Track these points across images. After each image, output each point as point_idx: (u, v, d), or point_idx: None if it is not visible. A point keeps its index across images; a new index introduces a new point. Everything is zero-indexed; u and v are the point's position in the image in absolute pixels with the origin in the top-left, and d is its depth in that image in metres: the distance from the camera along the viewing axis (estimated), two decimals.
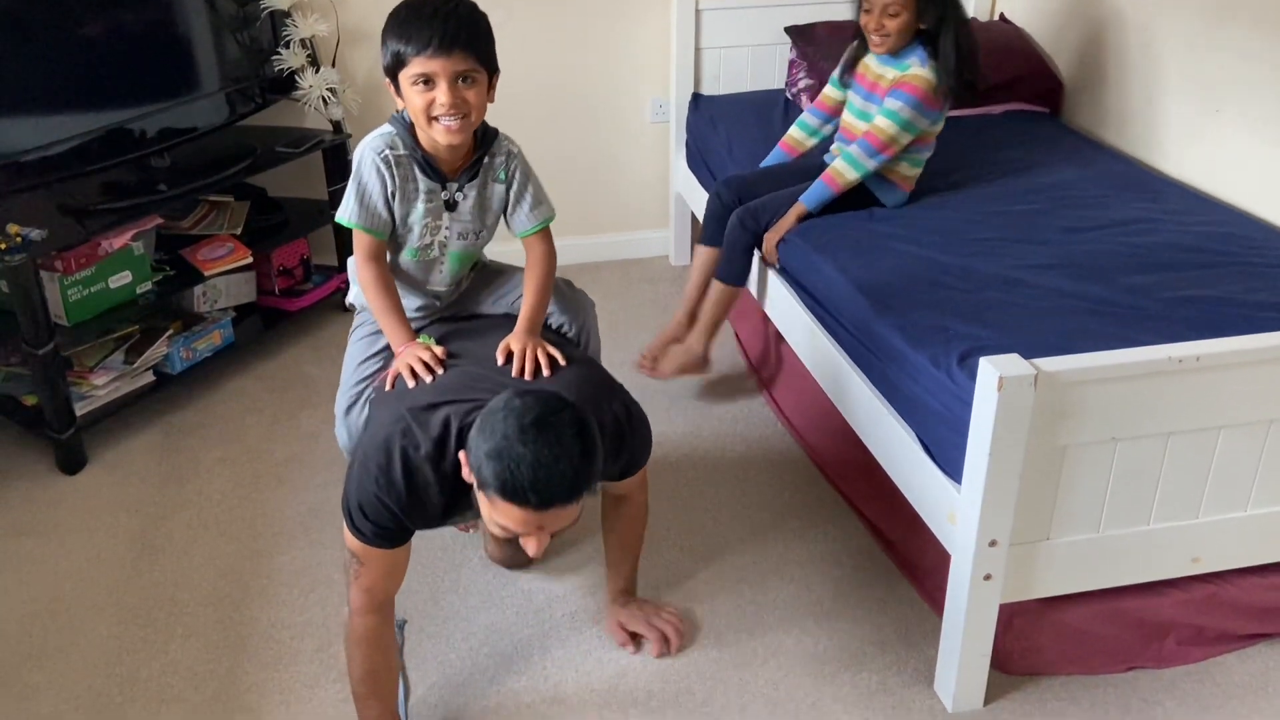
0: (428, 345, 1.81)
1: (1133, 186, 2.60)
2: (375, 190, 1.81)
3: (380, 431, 1.65)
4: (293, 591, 2.17)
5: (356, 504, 1.63)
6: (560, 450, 1.45)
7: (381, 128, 1.83)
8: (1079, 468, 1.72)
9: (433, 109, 1.71)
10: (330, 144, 3.09)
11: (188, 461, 2.60)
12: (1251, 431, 1.76)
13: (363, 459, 1.64)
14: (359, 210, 1.82)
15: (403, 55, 1.70)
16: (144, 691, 1.93)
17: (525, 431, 1.44)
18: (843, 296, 2.24)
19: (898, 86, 2.41)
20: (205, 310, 2.94)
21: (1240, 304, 1.99)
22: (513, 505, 1.46)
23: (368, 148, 1.81)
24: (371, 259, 1.86)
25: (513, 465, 1.43)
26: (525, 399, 1.49)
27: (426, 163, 1.82)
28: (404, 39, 1.69)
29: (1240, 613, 1.94)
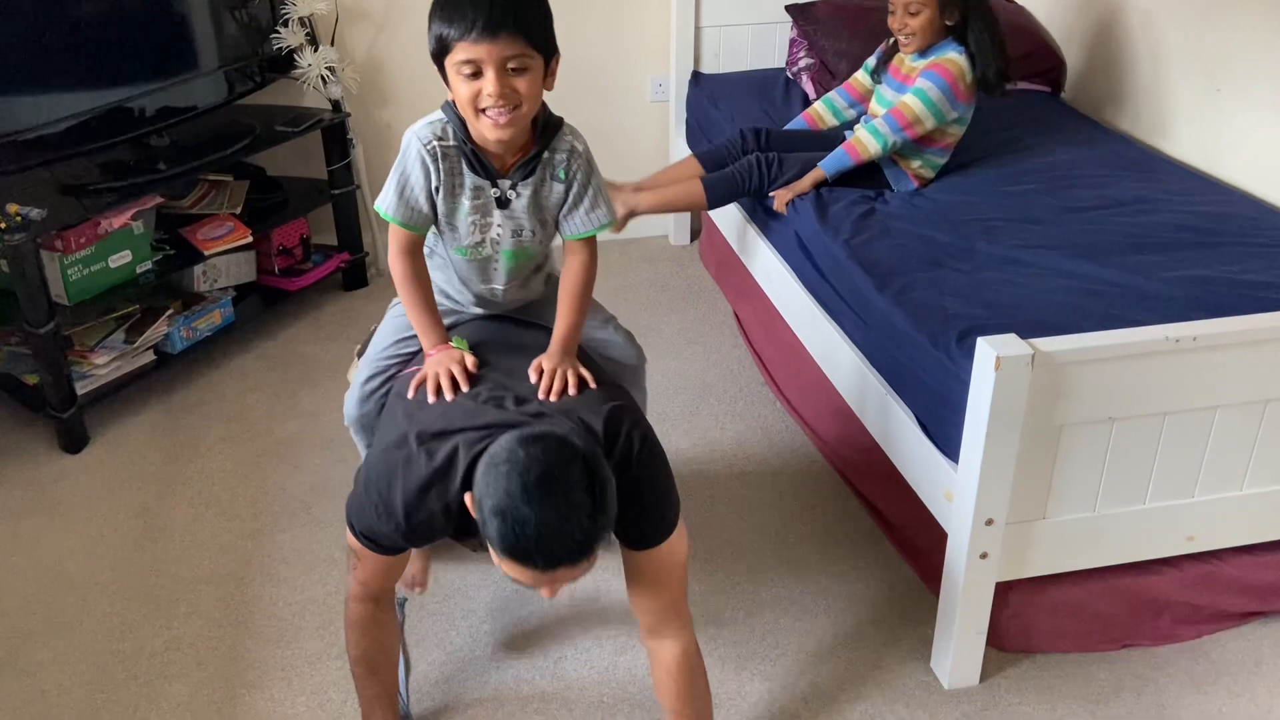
0: (461, 351, 1.67)
1: (1133, 166, 2.60)
2: (418, 183, 1.66)
3: (386, 457, 1.55)
4: (294, 569, 2.19)
5: (357, 517, 1.58)
6: (568, 510, 1.35)
7: (432, 114, 1.67)
8: (1075, 447, 1.73)
9: (479, 100, 1.55)
10: (329, 123, 3.08)
11: (189, 440, 2.61)
12: (1247, 411, 1.76)
13: (366, 481, 1.57)
14: (397, 203, 1.67)
15: (446, 39, 1.54)
16: (147, 668, 1.95)
17: (529, 491, 1.34)
18: (842, 274, 2.24)
19: (930, 69, 2.42)
20: (205, 290, 2.94)
21: (1239, 284, 1.99)
22: (518, 565, 1.38)
23: (414, 136, 1.66)
24: (406, 253, 1.72)
25: (517, 527, 1.34)
26: (531, 449, 1.37)
27: (475, 157, 1.65)
28: (447, 20, 1.54)
29: (1235, 591, 1.96)
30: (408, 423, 1.57)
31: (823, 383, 2.38)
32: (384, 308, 3.21)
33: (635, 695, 1.88)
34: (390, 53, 3.28)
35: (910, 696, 1.87)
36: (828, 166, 2.50)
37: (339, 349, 3.02)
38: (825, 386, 2.36)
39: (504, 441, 1.41)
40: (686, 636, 1.65)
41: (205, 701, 1.88)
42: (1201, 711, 1.83)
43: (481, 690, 1.91)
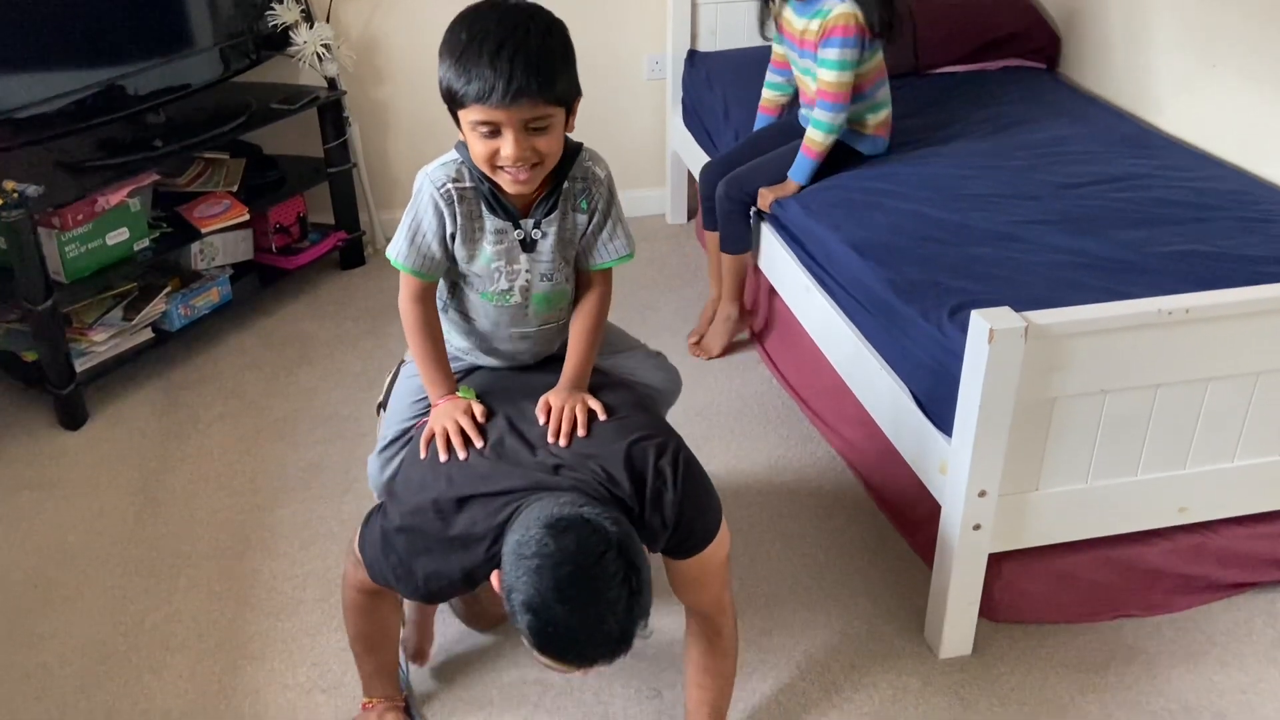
0: (468, 401, 1.59)
1: (1128, 142, 2.60)
2: (430, 229, 1.56)
3: (404, 522, 1.51)
4: (293, 544, 2.20)
5: (373, 564, 1.56)
6: (604, 610, 1.29)
7: (445, 155, 1.58)
8: (1068, 419, 1.74)
9: (497, 159, 1.47)
10: (325, 101, 3.08)
11: (188, 417, 2.63)
12: (1239, 383, 1.78)
13: (385, 543, 1.53)
14: (409, 250, 1.58)
15: (459, 96, 1.44)
16: (148, 640, 1.97)
17: (563, 590, 1.29)
18: (837, 253, 2.25)
19: (827, 35, 2.41)
20: (203, 268, 2.95)
21: (1232, 258, 2.00)
22: (552, 660, 1.34)
23: (426, 179, 1.56)
24: (416, 300, 1.63)
25: (550, 628, 1.30)
26: (562, 541, 1.31)
27: (494, 198, 1.55)
28: (462, 75, 1.42)
29: (1227, 562, 1.98)
30: (422, 488, 1.52)
31: (818, 358, 2.39)
32: (381, 286, 3.27)
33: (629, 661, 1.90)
34: (386, 30, 3.27)
35: (904, 666, 1.90)
36: (797, 175, 2.51)
37: (337, 327, 3.02)
38: (820, 362, 2.38)
39: (533, 530, 1.34)
40: (729, 624, 1.67)
41: (206, 673, 1.90)
42: (1192, 681, 1.85)
43: (483, 671, 1.92)
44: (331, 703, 1.83)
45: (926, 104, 2.87)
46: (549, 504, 1.38)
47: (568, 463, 1.46)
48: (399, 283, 1.63)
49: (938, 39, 3.06)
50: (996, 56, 3.11)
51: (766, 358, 2.79)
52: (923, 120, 2.76)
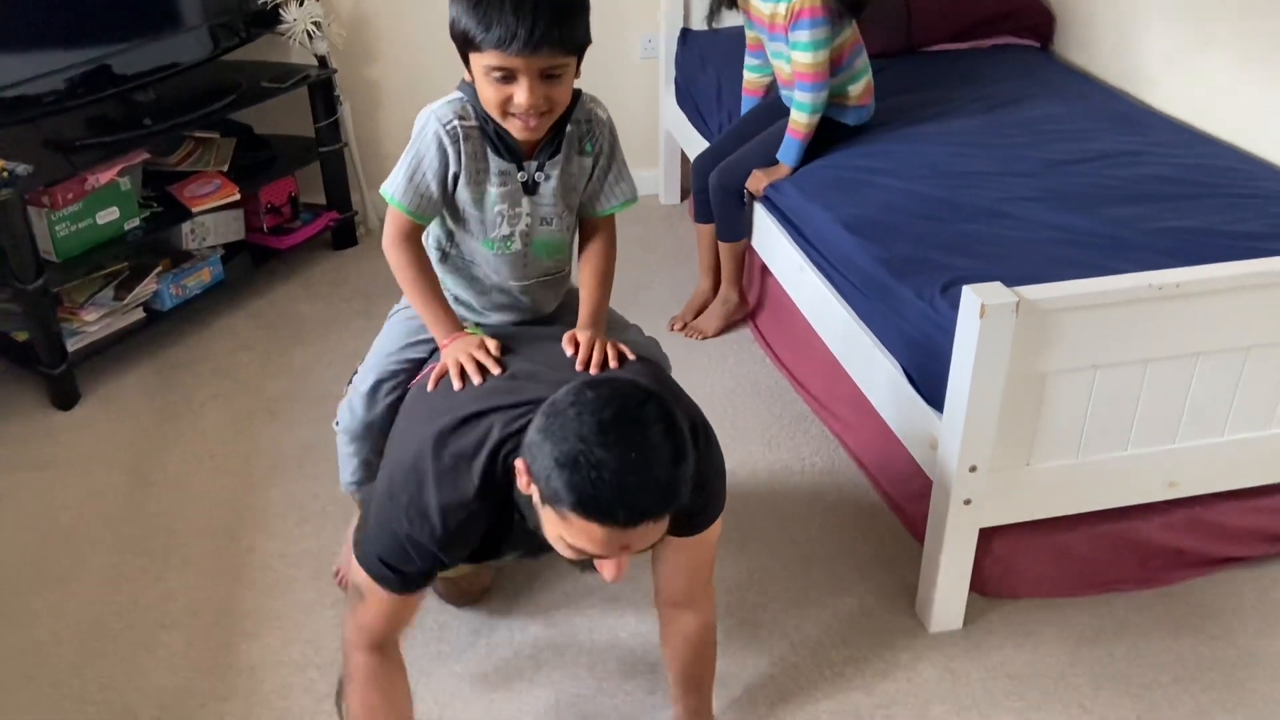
0: (479, 336, 1.53)
1: (1120, 120, 2.60)
2: (432, 167, 1.52)
3: (408, 451, 1.39)
4: (287, 523, 2.21)
5: (375, 542, 1.40)
6: (650, 452, 1.18)
7: (449, 95, 1.54)
8: (1059, 394, 1.75)
9: (509, 105, 1.44)
10: (316, 79, 3.06)
11: (181, 398, 2.62)
12: (1229, 358, 1.78)
13: (388, 487, 1.40)
14: (405, 186, 1.53)
15: (475, 40, 1.40)
16: (143, 618, 1.97)
17: (606, 431, 1.18)
18: (829, 232, 2.25)
19: (795, 19, 2.41)
20: (194, 248, 2.94)
21: (1223, 234, 2.00)
22: (594, 523, 1.19)
23: (432, 116, 1.51)
24: (405, 239, 1.57)
25: (593, 474, 1.17)
26: (599, 389, 1.23)
27: (500, 139, 1.52)
28: (479, 21, 1.38)
29: (1216, 536, 1.99)
30: (431, 419, 1.41)
31: (811, 337, 2.39)
32: (374, 266, 3.26)
33: (625, 636, 1.91)
34: (377, 7, 3.25)
35: (895, 641, 1.91)
36: (787, 158, 2.51)
37: (330, 308, 3.02)
38: (813, 340, 2.38)
39: (562, 392, 1.25)
40: (710, 610, 1.63)
41: (201, 650, 1.90)
42: (1181, 655, 1.87)
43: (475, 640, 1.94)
44: (326, 679, 1.84)
45: (920, 82, 2.86)
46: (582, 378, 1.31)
47: (605, 379, 1.33)
48: (387, 217, 1.58)
49: (931, 17, 3.06)
50: (990, 34, 3.10)
51: (760, 337, 2.79)
52: (916, 98, 2.75)
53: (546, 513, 1.25)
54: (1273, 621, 1.92)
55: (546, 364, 1.50)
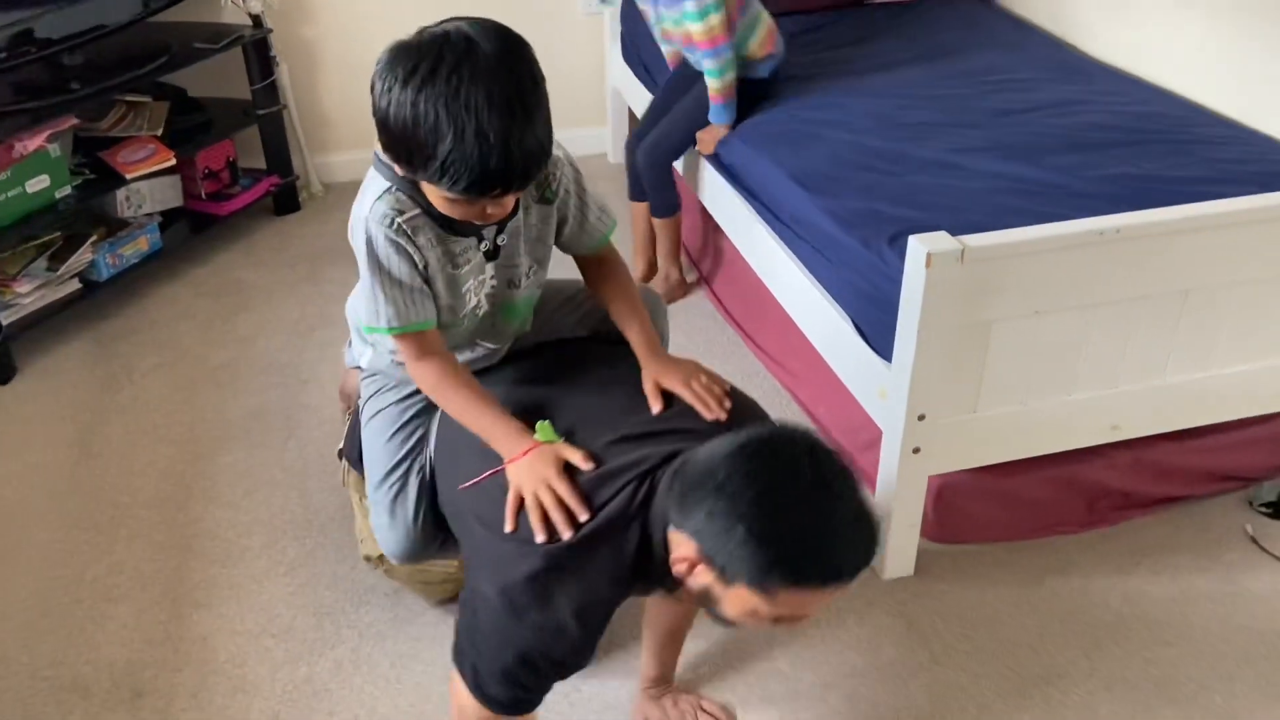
0: (555, 449, 1.30)
1: (1063, 69, 2.62)
2: (405, 271, 1.33)
3: (516, 565, 1.24)
4: (236, 492, 2.18)
5: (493, 664, 1.25)
6: (846, 502, 1.12)
7: (372, 184, 1.33)
8: (1004, 341, 1.77)
9: (475, 218, 1.29)
10: (250, 39, 2.99)
11: (121, 369, 2.57)
12: (1169, 302, 1.82)
13: (500, 606, 1.23)
14: (400, 307, 1.34)
15: (440, 179, 1.20)
16: (90, 592, 1.94)
17: (807, 500, 1.10)
18: (777, 186, 2.25)
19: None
20: (130, 215, 2.86)
21: (1165, 180, 2.03)
22: (812, 591, 1.12)
23: (372, 224, 1.31)
24: (433, 354, 1.40)
25: (811, 544, 1.09)
26: (761, 448, 1.14)
27: (448, 220, 1.33)
28: (438, 172, 1.18)
29: (1158, 477, 2.04)
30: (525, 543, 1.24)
31: (762, 293, 2.40)
32: (318, 231, 3.20)
33: None
34: None
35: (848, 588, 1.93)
36: (718, 118, 2.49)
37: (273, 274, 2.96)
38: (765, 297, 2.38)
39: (720, 468, 1.13)
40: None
41: (152, 621, 1.87)
42: (1124, 591, 1.91)
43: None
44: (281, 646, 1.82)
45: (866, 35, 2.86)
46: (702, 450, 1.19)
47: (751, 436, 1.19)
48: (399, 346, 1.40)
49: None
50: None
51: (713, 297, 2.79)
52: (861, 51, 2.75)
53: (735, 593, 1.14)
54: (1211, 557, 1.98)
55: (611, 418, 1.36)
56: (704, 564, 1.14)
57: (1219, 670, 1.76)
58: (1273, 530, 2.03)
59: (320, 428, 2.35)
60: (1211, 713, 1.69)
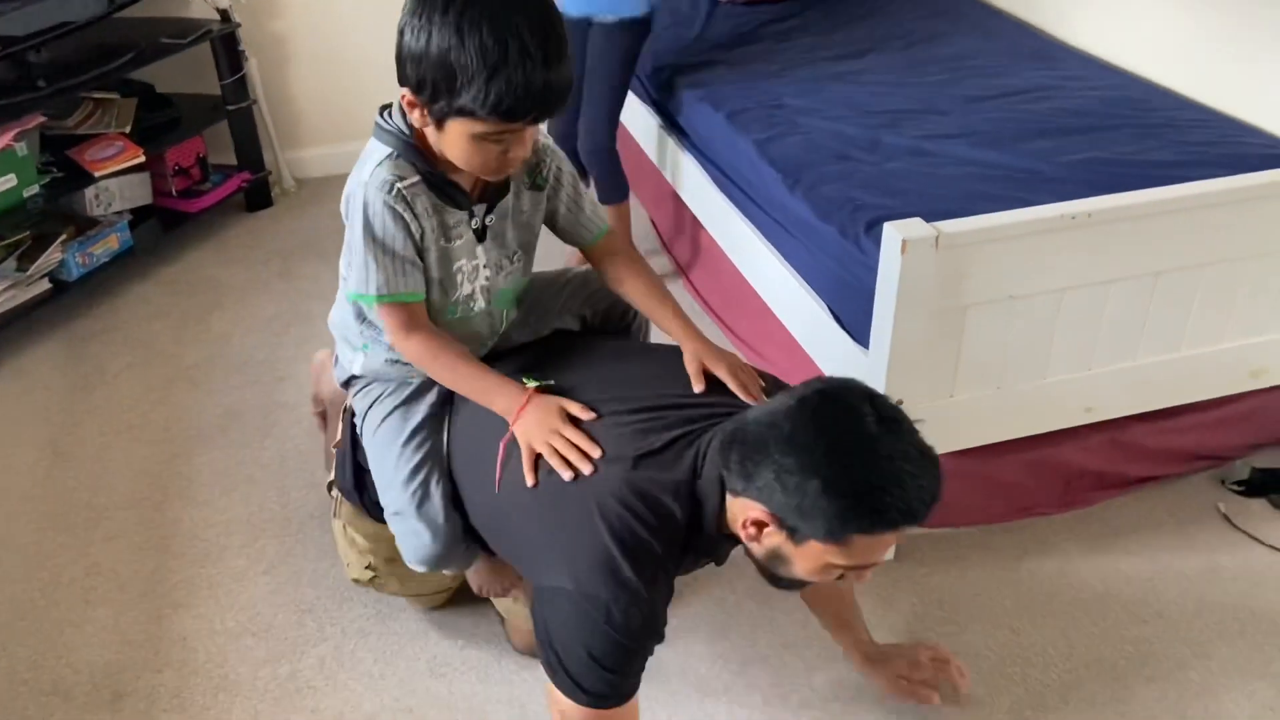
0: (556, 399, 1.33)
1: (1032, 55, 2.64)
2: (399, 240, 1.32)
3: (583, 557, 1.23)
4: (213, 491, 2.16)
5: (585, 656, 1.24)
6: (918, 441, 1.17)
7: (373, 153, 1.33)
8: (980, 326, 1.78)
9: (490, 163, 1.28)
10: (219, 34, 2.96)
11: (94, 369, 2.54)
12: (1140, 284, 1.84)
13: (575, 594, 1.23)
14: (391, 275, 1.33)
15: (466, 108, 1.20)
16: (68, 594, 1.92)
17: (882, 436, 1.14)
18: (755, 174, 2.25)
19: None
20: (99, 214, 2.83)
21: (1134, 164, 2.05)
22: (888, 533, 1.17)
23: (371, 189, 1.30)
24: (415, 326, 1.38)
25: (881, 486, 1.12)
26: (821, 402, 1.16)
27: (449, 186, 1.33)
28: (482, 91, 1.18)
29: (1132, 457, 2.06)
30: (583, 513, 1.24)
31: (739, 282, 2.40)
32: (291, 227, 3.17)
33: None
34: None
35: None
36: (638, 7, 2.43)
37: (247, 271, 2.94)
38: (742, 286, 2.39)
39: (770, 411, 1.17)
40: None
41: (131, 622, 1.86)
42: (1100, 571, 1.94)
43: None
44: (263, 645, 1.81)
45: (838, 21, 2.87)
46: (755, 413, 1.21)
47: (812, 389, 1.23)
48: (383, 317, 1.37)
49: None
50: None
51: (690, 287, 2.79)
52: (835, 38, 2.76)
53: (807, 550, 1.18)
54: (1185, 536, 2.01)
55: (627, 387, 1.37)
56: (773, 524, 1.17)
57: (1195, 647, 1.78)
58: (1245, 508, 2.06)
59: (297, 425, 2.34)
60: (1188, 689, 1.71)
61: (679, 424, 1.31)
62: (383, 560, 1.73)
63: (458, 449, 1.49)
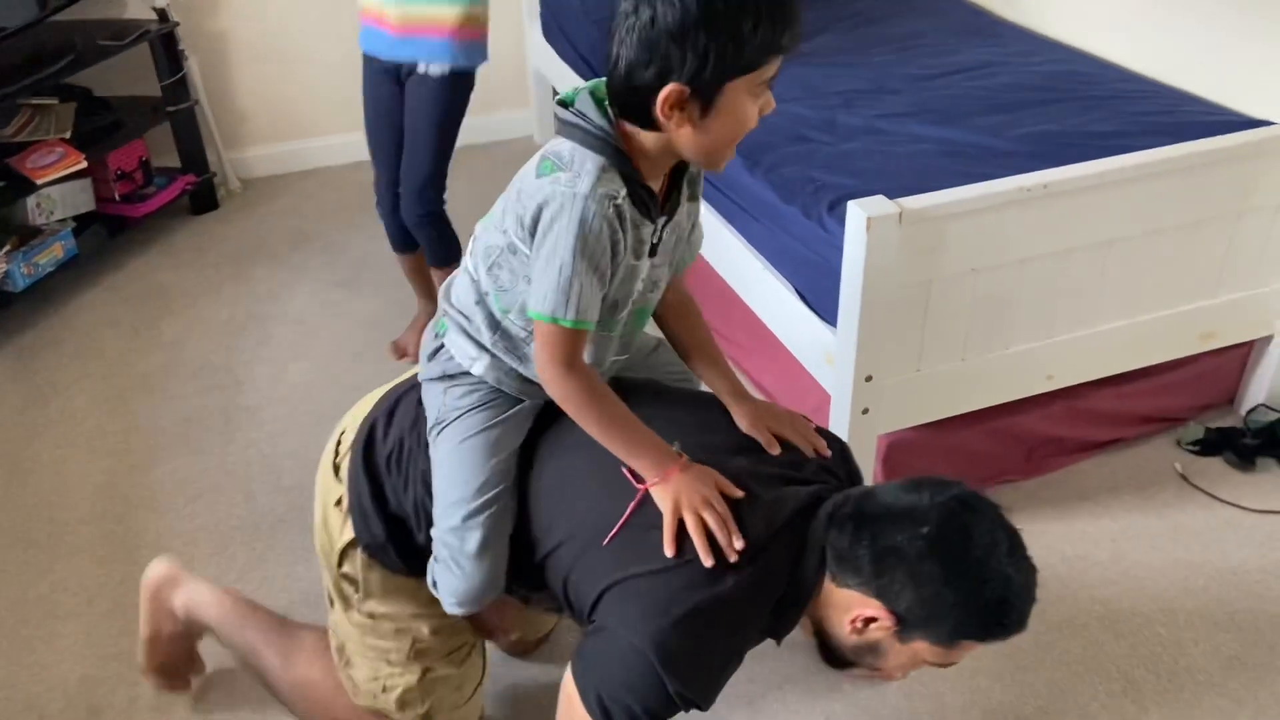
0: (712, 471, 1.25)
1: (978, 32, 2.68)
2: (606, 262, 1.20)
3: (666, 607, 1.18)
4: (178, 500, 2.12)
5: (627, 699, 1.19)
6: (1032, 565, 1.22)
7: (581, 160, 1.18)
8: (944, 300, 1.81)
9: (752, 120, 1.20)
10: (157, 34, 2.89)
11: (45, 382, 2.48)
12: (1095, 252, 1.88)
13: (646, 643, 1.17)
14: (590, 300, 1.20)
15: (763, 55, 1.14)
16: (34, 612, 1.87)
17: (1009, 556, 1.19)
18: None
19: None
20: (42, 222, 2.76)
21: (1083, 134, 2.09)
22: (987, 643, 1.23)
23: (593, 203, 1.16)
24: (582, 362, 1.26)
25: (1004, 604, 1.18)
26: (963, 511, 1.19)
27: (650, 196, 1.23)
28: (770, 28, 1.12)
29: (1094, 422, 2.11)
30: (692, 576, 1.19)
31: (700, 265, 2.41)
32: (240, 229, 3.12)
33: None
34: None
35: None
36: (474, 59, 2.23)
37: (196, 275, 2.89)
38: (705, 269, 2.40)
39: (937, 516, 1.18)
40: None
41: (103, 636, 1.82)
42: (1067, 534, 1.98)
43: None
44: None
45: None
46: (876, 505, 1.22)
47: (949, 504, 1.22)
48: (552, 342, 1.22)
49: None
50: None
51: None
52: None
53: (910, 648, 1.22)
54: (1146, 496, 2.06)
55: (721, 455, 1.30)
56: (888, 622, 1.19)
57: (1160, 603, 1.84)
58: (1200, 466, 2.12)
59: (260, 429, 2.30)
60: (1157, 643, 1.76)
61: (795, 502, 1.26)
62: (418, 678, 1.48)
63: (534, 473, 1.37)
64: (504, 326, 1.32)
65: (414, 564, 1.44)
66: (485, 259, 1.31)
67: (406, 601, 1.47)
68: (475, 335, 1.35)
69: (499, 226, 1.29)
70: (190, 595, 1.65)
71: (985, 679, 1.71)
